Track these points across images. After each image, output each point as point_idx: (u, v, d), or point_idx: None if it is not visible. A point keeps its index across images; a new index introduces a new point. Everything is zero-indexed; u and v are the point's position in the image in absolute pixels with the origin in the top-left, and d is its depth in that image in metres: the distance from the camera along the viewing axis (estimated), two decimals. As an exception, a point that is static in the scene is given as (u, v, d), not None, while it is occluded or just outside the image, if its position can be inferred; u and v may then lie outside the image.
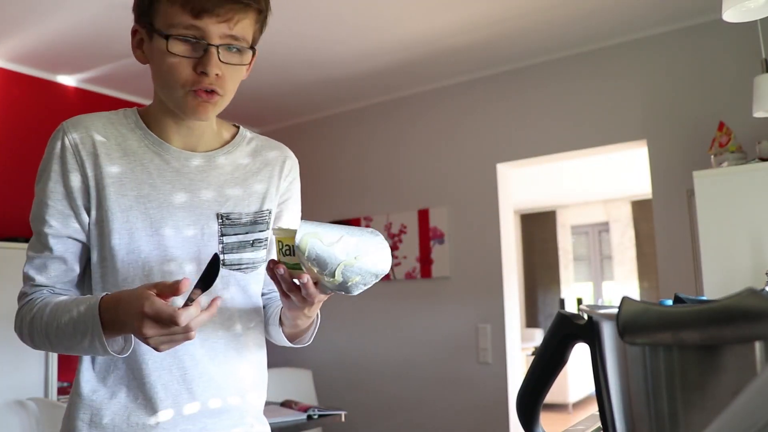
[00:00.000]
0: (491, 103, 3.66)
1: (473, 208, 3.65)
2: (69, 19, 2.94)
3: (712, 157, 2.69)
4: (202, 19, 0.92)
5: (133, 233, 0.99)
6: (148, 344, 0.85)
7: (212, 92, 0.96)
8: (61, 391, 3.27)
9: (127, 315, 0.85)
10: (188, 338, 0.84)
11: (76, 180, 1.00)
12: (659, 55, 3.15)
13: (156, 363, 0.99)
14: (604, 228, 8.70)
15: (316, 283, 0.90)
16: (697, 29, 3.04)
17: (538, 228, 9.03)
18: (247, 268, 1.07)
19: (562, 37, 3.25)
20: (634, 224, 8.29)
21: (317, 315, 1.06)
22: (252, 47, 1.00)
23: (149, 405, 0.98)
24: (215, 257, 0.86)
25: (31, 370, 3.08)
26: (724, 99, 2.92)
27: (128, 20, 1.07)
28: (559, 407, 6.79)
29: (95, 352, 0.91)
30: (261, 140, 1.16)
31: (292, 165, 1.17)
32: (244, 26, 0.96)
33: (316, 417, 2.66)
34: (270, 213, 1.11)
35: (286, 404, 2.83)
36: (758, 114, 2.37)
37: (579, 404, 7.11)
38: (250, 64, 1.02)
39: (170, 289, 0.84)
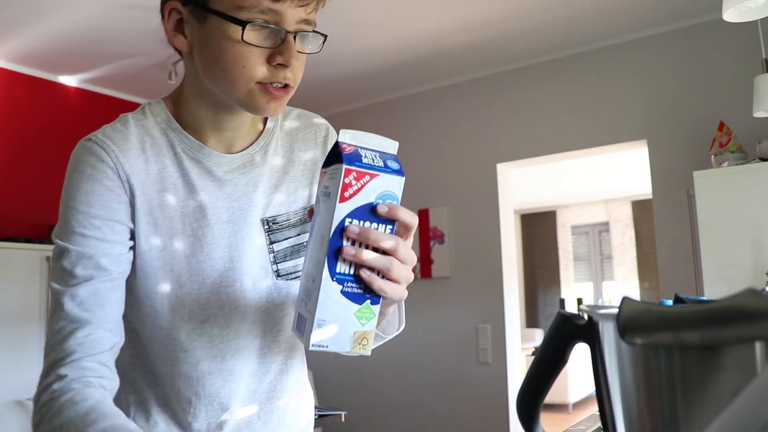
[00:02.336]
0: (491, 103, 3.66)
1: (473, 208, 3.65)
2: (70, 19, 2.94)
3: (713, 157, 2.69)
4: (280, 2, 0.76)
5: (169, 265, 0.86)
6: None
7: (285, 86, 0.81)
8: (62, 391, 3.26)
9: None
10: None
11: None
12: (659, 55, 3.15)
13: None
14: (604, 228, 8.71)
15: None
16: (698, 29, 3.05)
17: (538, 228, 9.03)
18: None
19: (562, 37, 3.26)
20: (635, 224, 8.29)
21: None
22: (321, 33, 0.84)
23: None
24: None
25: (30, 370, 3.08)
26: (724, 99, 2.92)
27: (129, 20, 1.04)
28: (559, 407, 6.80)
29: None
30: (294, 120, 0.99)
31: (328, 135, 1.00)
32: (316, 11, 0.82)
33: (316, 417, 2.66)
34: None
35: (287, 404, 2.82)
36: (758, 114, 2.37)
37: (579, 404, 7.11)
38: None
39: None
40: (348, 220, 0.64)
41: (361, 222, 0.65)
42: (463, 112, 3.76)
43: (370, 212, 0.65)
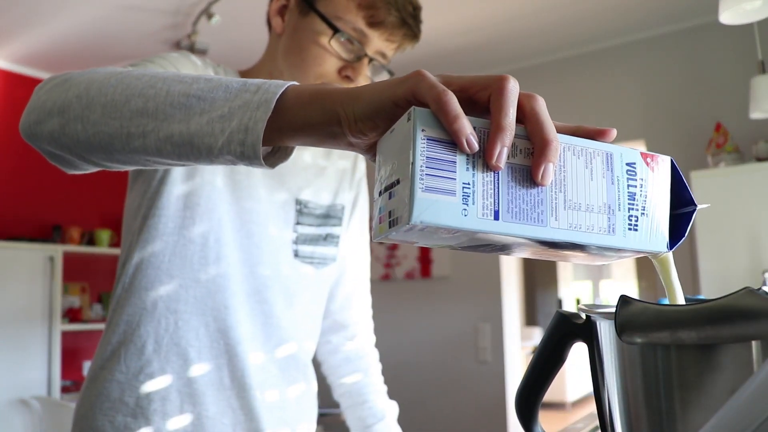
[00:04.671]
0: (490, 103, 3.67)
1: (472, 207, 3.65)
2: (72, 22, 2.94)
3: (710, 157, 2.70)
4: (373, 30, 0.88)
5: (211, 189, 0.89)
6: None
7: None
8: (65, 390, 3.27)
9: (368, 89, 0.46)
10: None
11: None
12: (657, 56, 3.16)
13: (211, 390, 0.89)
14: (602, 227, 8.71)
15: None
16: (695, 31, 3.05)
17: (537, 227, 9.02)
18: (319, 263, 1.00)
19: (561, 38, 3.26)
20: (633, 224, 8.29)
21: None
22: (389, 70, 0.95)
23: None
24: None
25: (34, 368, 3.08)
26: (721, 100, 2.93)
27: (131, 22, 1.06)
28: (557, 406, 6.80)
29: (209, 140, 0.49)
30: None
31: (362, 161, 1.11)
32: (396, 52, 0.94)
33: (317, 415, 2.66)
34: (344, 209, 1.04)
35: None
36: (755, 115, 2.38)
37: (577, 403, 7.11)
38: None
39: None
40: None
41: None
42: (462, 112, 3.77)
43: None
